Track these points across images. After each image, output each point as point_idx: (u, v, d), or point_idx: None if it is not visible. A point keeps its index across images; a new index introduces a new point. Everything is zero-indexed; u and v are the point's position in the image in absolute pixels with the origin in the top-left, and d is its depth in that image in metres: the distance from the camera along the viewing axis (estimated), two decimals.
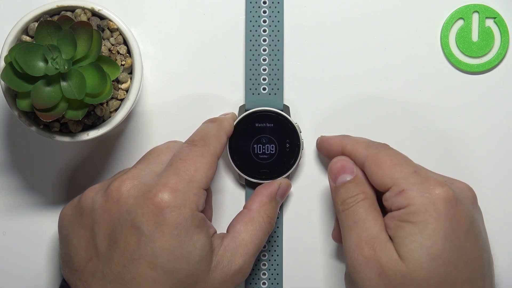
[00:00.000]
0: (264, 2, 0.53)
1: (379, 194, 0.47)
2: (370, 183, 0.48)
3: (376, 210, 0.46)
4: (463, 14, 0.53)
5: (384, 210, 0.47)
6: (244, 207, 0.50)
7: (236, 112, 0.53)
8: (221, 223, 0.53)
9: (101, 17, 0.49)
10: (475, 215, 0.46)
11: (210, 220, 0.53)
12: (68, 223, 0.47)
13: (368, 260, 0.44)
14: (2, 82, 0.47)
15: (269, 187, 0.51)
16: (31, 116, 0.48)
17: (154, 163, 0.47)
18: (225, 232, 0.49)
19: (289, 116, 0.52)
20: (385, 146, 0.48)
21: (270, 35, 0.53)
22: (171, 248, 0.44)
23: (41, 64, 0.45)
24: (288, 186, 0.52)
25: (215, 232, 0.47)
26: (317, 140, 0.53)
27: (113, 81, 0.48)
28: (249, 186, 0.53)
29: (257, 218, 0.49)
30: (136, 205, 0.44)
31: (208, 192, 0.53)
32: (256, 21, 0.53)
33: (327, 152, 0.51)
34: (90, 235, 0.46)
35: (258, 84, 0.53)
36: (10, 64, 0.45)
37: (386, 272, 0.43)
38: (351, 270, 0.45)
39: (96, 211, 0.45)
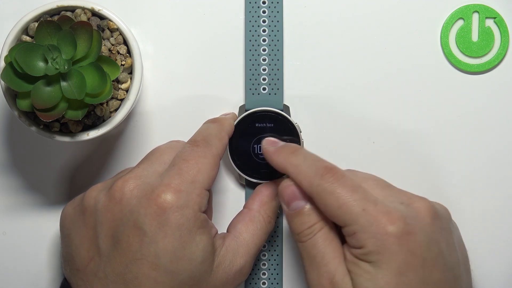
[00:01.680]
0: (264, 2, 0.53)
1: None
2: None
3: (333, 239, 0.45)
4: (463, 14, 0.53)
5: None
6: (245, 207, 0.50)
7: (236, 112, 0.53)
8: (221, 223, 0.53)
9: (101, 17, 0.49)
10: (434, 235, 0.44)
11: (210, 220, 0.53)
12: (70, 222, 0.47)
13: None
14: (2, 82, 0.47)
15: (270, 186, 0.51)
16: (31, 116, 0.48)
17: (157, 163, 0.47)
18: (225, 231, 0.49)
19: (289, 116, 0.52)
20: (330, 177, 0.44)
21: (269, 35, 0.53)
22: (174, 249, 0.44)
23: (41, 64, 0.45)
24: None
25: (217, 232, 0.47)
26: (262, 145, 0.49)
27: (113, 81, 0.48)
28: (249, 186, 0.53)
29: (257, 218, 0.49)
30: (139, 206, 0.44)
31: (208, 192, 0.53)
32: (255, 21, 0.53)
33: (272, 165, 0.48)
34: (93, 234, 0.46)
35: (258, 84, 0.53)
36: (10, 64, 0.45)
37: None
38: None
39: (99, 210, 0.45)
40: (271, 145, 0.49)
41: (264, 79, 0.53)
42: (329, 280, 0.44)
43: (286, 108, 0.53)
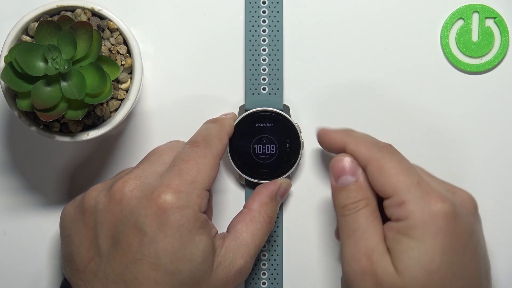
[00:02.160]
0: (264, 2, 0.53)
1: (379, 198, 0.47)
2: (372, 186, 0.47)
3: (376, 218, 0.46)
4: (463, 14, 0.53)
5: (383, 215, 0.46)
6: (245, 207, 0.50)
7: (236, 112, 0.53)
8: (221, 224, 0.53)
9: (101, 17, 0.49)
10: (475, 226, 0.45)
11: (210, 220, 0.53)
12: (70, 222, 0.47)
13: (365, 271, 0.44)
14: (2, 82, 0.47)
15: (270, 186, 0.51)
16: (31, 116, 0.48)
17: (157, 163, 0.47)
18: (225, 232, 0.49)
19: (289, 116, 0.52)
20: (389, 149, 0.47)
21: (269, 35, 0.53)
22: (174, 249, 0.44)
23: (41, 64, 0.45)
24: (289, 186, 0.52)
25: (217, 232, 0.47)
26: (317, 132, 0.50)
27: (113, 81, 0.48)
28: (249, 186, 0.53)
29: (257, 218, 0.49)
30: (139, 206, 0.44)
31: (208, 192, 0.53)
32: (255, 21, 0.53)
33: (328, 147, 0.50)
34: (93, 234, 0.46)
35: (258, 84, 0.53)
36: (10, 64, 0.45)
37: (382, 284, 0.43)
38: (347, 278, 0.45)
39: (99, 211, 0.45)
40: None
41: (264, 79, 0.53)
42: (367, 255, 0.44)
43: (286, 108, 0.53)
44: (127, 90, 0.49)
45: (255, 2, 0.53)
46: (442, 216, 0.43)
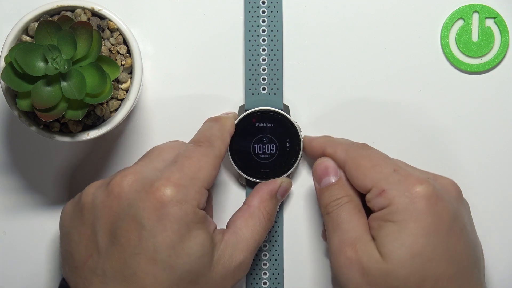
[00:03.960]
0: (263, 2, 0.53)
1: (363, 196, 0.48)
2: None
3: (359, 212, 0.47)
4: (463, 14, 0.53)
5: (369, 212, 0.47)
6: (244, 203, 0.50)
7: (236, 112, 0.53)
8: (221, 224, 0.53)
9: (101, 17, 0.49)
10: (460, 210, 0.46)
11: None
12: (69, 220, 0.47)
13: (351, 261, 0.44)
14: (2, 82, 0.47)
15: (270, 184, 0.51)
16: (31, 116, 0.48)
17: (156, 160, 0.47)
18: (225, 228, 0.49)
19: (289, 116, 0.52)
20: (364, 147, 0.48)
21: (269, 35, 0.53)
22: (172, 243, 0.44)
23: (41, 64, 0.45)
24: (289, 185, 0.52)
25: (216, 227, 0.47)
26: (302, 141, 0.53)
27: (113, 81, 0.48)
28: (250, 185, 0.53)
29: (257, 214, 0.49)
30: (137, 199, 0.44)
31: (208, 192, 0.53)
32: (255, 21, 0.53)
33: (310, 154, 0.52)
34: (91, 231, 0.45)
35: (258, 84, 0.53)
36: (10, 64, 0.45)
37: (369, 271, 0.44)
38: (335, 272, 0.46)
39: (97, 206, 0.45)
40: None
41: (264, 79, 0.53)
42: (352, 245, 0.45)
43: (286, 108, 0.53)
44: (127, 90, 0.49)
45: (255, 2, 0.53)
46: (422, 197, 0.44)
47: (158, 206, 0.44)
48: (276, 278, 0.53)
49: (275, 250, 0.53)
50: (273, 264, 0.53)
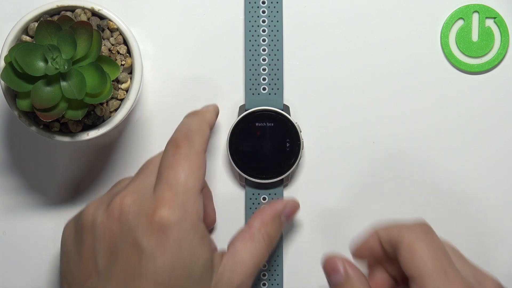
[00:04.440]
0: (263, 2, 0.53)
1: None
2: (368, 280, 0.46)
3: None
4: (463, 14, 0.53)
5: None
6: (246, 225, 0.49)
7: (236, 112, 0.53)
8: (221, 224, 0.53)
9: (101, 17, 0.49)
10: None
11: (214, 222, 0.53)
12: (70, 239, 0.46)
13: None
14: (2, 82, 0.47)
15: (274, 205, 0.49)
16: (31, 116, 0.48)
17: (151, 176, 0.46)
18: (225, 238, 0.48)
19: (289, 116, 0.52)
20: (422, 229, 0.45)
21: (269, 35, 0.53)
22: (173, 266, 0.43)
23: (41, 64, 0.45)
24: (295, 207, 0.51)
25: (216, 249, 0.47)
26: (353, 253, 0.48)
27: (113, 81, 0.48)
28: (249, 185, 0.53)
29: (257, 237, 0.48)
30: (137, 223, 0.44)
31: (208, 194, 0.53)
32: (255, 21, 0.53)
33: (369, 255, 0.47)
34: (91, 252, 0.45)
35: (258, 84, 0.53)
36: (10, 64, 0.45)
37: None
38: None
39: (97, 227, 0.45)
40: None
41: (264, 79, 0.53)
42: None
43: (286, 108, 0.53)
44: (127, 90, 0.49)
45: (255, 2, 0.53)
46: None
47: (157, 229, 0.43)
48: (275, 279, 0.53)
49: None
50: (272, 266, 0.53)
